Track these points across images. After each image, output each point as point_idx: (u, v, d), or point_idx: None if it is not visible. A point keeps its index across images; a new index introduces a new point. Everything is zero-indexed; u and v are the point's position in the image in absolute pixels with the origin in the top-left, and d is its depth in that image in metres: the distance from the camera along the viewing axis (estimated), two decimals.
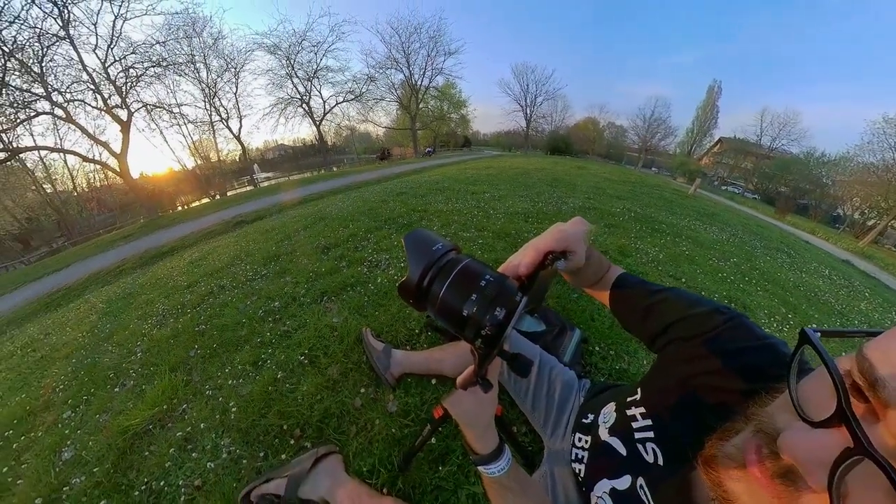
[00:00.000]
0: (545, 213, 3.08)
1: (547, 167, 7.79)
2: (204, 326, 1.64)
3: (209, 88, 15.14)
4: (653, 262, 2.17)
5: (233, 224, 5.11)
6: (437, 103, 28.40)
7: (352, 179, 9.01)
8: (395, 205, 3.36)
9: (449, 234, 2.30)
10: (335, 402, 1.07)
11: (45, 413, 1.43)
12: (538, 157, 19.58)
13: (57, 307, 3.56)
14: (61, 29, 8.14)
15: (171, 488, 0.96)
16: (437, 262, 0.29)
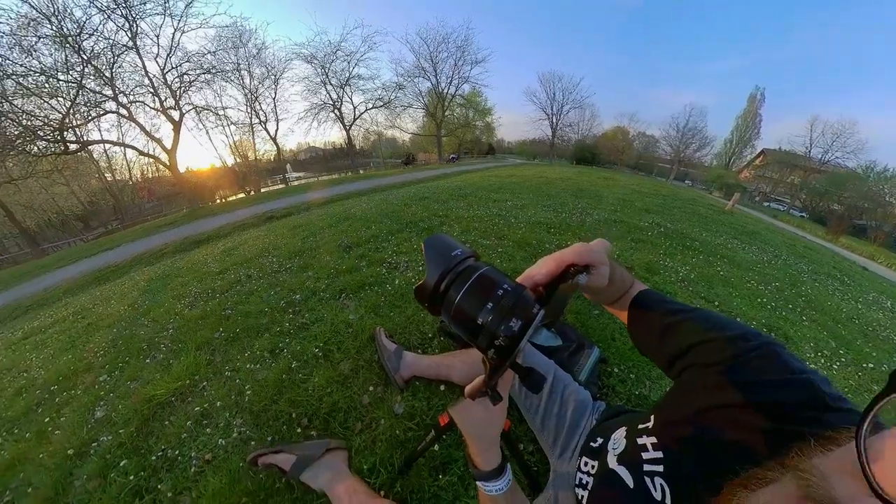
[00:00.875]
0: (568, 224, 3.03)
1: (572, 177, 7.59)
2: (230, 311, 1.77)
3: (251, 93, 17.09)
4: (682, 282, 2.05)
5: (264, 219, 5.51)
6: (463, 111, 29.37)
7: (377, 182, 9.38)
8: (416, 209, 3.47)
9: (468, 241, 2.33)
10: (344, 396, 1.11)
11: (85, 374, 1.60)
12: (563, 166, 19.24)
13: (106, 281, 3.99)
14: (130, 40, 9.70)
15: (184, 458, 1.03)
16: (456, 268, 0.29)
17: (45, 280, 5.53)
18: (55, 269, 6.21)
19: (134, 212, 20.03)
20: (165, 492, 0.95)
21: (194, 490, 0.93)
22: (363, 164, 29.30)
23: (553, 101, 34.59)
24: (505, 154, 45.01)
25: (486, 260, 0.42)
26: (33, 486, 1.07)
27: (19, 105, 8.48)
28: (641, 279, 2.19)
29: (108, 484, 1.01)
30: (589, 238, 1.67)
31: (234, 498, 0.88)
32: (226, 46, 13.77)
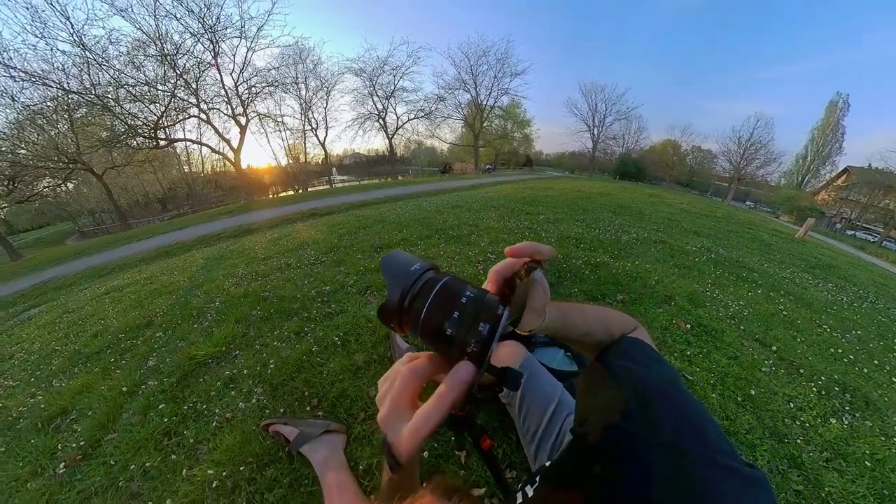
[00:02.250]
0: (600, 240, 2.88)
1: (612, 192, 7.23)
2: (268, 293, 2.01)
3: (306, 103, 19.75)
4: (732, 319, 1.83)
5: (307, 215, 6.15)
6: (501, 122, 29.99)
7: (413, 189, 9.89)
8: (448, 216, 3.63)
9: (496, 254, 2.36)
10: (353, 385, 1.20)
11: (146, 329, 1.92)
12: (604, 180, 18.42)
13: (172, 256, 4.72)
14: (213, 58, 12.34)
15: (209, 413, 1.19)
16: (416, 283, 0.30)
17: (127, 249, 6.68)
18: (136, 241, 7.48)
19: (202, 199, 23.74)
20: (189, 437, 1.10)
21: (212, 442, 1.07)
22: (402, 170, 30.88)
23: (595, 113, 33.42)
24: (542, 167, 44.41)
25: None
26: (92, 411, 1.31)
27: (127, 108, 11.01)
28: (683, 311, 1.87)
29: (147, 421, 1.20)
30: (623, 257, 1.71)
31: (242, 456, 1.00)
32: (287, 63, 16.54)
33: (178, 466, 1.02)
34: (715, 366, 1.40)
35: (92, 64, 10.11)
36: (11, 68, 9.43)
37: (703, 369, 1.36)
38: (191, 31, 11.22)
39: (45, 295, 4.12)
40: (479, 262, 2.23)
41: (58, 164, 11.72)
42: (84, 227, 22.92)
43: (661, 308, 1.78)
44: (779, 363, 1.51)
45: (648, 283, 2.04)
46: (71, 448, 1.15)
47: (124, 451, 1.10)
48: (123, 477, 1.02)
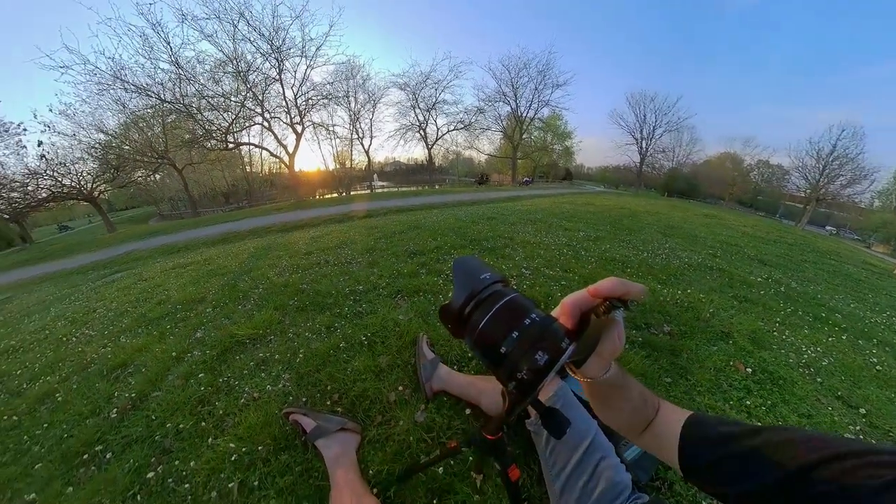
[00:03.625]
0: (649, 264, 2.65)
1: (661, 211, 6.67)
2: (306, 286, 2.17)
3: (354, 114, 21.86)
4: (807, 368, 1.52)
5: (348, 217, 6.63)
6: (541, 134, 29.91)
7: (449, 198, 10.24)
8: (483, 227, 3.63)
9: (530, 269, 2.28)
10: (374, 387, 1.22)
11: (199, 304, 2.17)
12: (652, 197, 17.30)
13: (229, 243, 5.37)
14: (277, 74, 14.20)
15: (239, 389, 1.29)
16: (483, 291, 0.30)
17: (194, 233, 7.75)
18: (202, 227, 8.66)
19: (258, 196, 27.18)
20: (219, 409, 1.21)
21: (238, 416, 1.16)
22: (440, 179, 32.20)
23: (643, 124, 31.01)
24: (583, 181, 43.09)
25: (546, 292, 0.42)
26: (145, 368, 1.50)
27: (206, 116, 13.44)
28: (743, 351, 1.66)
29: (187, 386, 1.34)
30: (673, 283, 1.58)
31: (261, 436, 1.06)
32: (340, 78, 18.71)
33: (205, 433, 1.11)
34: (781, 423, 1.18)
35: (183, 79, 12.74)
36: (126, 82, 12.29)
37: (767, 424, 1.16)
38: (261, 52, 13.48)
39: (128, 263, 4.93)
40: (513, 276, 2.19)
41: (150, 159, 15.01)
42: (163, 212, 27.60)
43: (715, 345, 1.58)
44: (869, 430, 1.23)
45: (702, 316, 1.84)
46: (124, 397, 1.32)
47: (164, 409, 1.23)
48: (160, 432, 1.14)
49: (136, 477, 1.00)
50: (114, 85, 12.26)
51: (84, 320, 2.26)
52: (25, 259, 9.46)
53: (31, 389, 1.53)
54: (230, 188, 27.91)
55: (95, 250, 8.10)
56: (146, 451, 1.08)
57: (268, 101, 14.54)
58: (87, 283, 3.82)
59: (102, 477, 1.02)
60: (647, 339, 1.53)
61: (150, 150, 14.54)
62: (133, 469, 1.03)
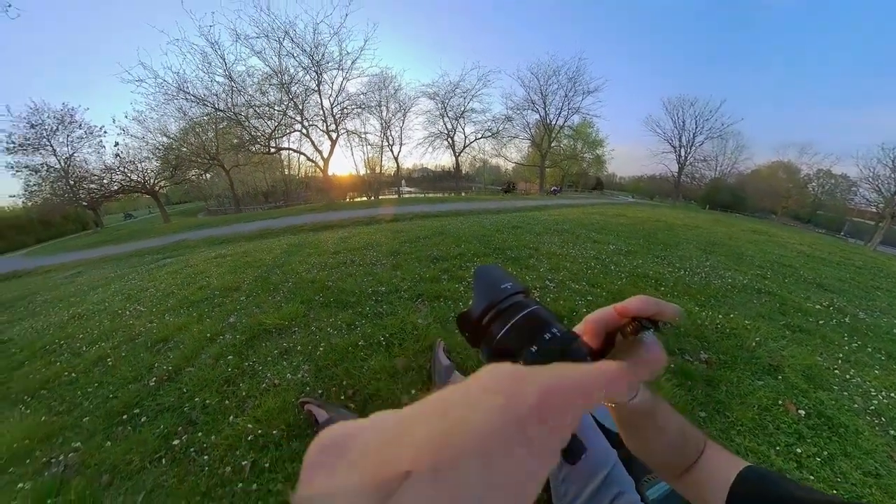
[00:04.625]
0: (686, 283, 2.45)
1: (702, 225, 6.14)
2: (331, 283, 2.29)
3: (385, 123, 23.10)
4: (877, 417, 1.28)
5: (375, 220, 6.90)
6: (571, 142, 29.55)
7: (475, 206, 10.29)
8: (507, 236, 3.61)
9: (555, 282, 2.22)
10: (388, 387, 1.25)
11: (234, 292, 2.37)
12: (691, 210, 16.15)
13: (265, 238, 5.81)
14: (316, 86, 15.89)
15: (261, 374, 1.38)
16: (503, 302, 0.29)
17: (236, 227, 8.48)
18: (243, 222, 9.46)
19: (294, 197, 29.55)
20: (242, 390, 1.30)
21: (258, 399, 1.24)
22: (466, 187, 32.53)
23: (682, 131, 28.98)
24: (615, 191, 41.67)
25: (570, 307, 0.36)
26: (183, 345, 1.65)
27: (252, 123, 15.48)
28: (795, 390, 1.51)
29: (217, 366, 1.46)
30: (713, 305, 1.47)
31: (277, 421, 1.12)
32: (373, 88, 19.83)
33: (228, 411, 1.20)
34: (842, 480, 1.02)
35: (234, 90, 14.85)
36: (188, 94, 14.55)
37: (821, 480, 1.01)
38: (302, 66, 15.28)
39: (177, 251, 5.50)
40: (536, 288, 2.15)
41: (203, 160, 17.35)
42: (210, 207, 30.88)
43: (761, 380, 1.41)
44: None
45: (746, 344, 1.66)
46: (162, 369, 1.47)
47: (195, 384, 1.35)
48: (189, 405, 1.25)
49: (163, 442, 1.11)
50: (177, 96, 14.65)
51: (137, 297, 2.55)
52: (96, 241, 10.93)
53: (88, 352, 1.76)
54: (269, 188, 30.97)
55: (152, 237, 9.16)
56: (175, 420, 1.19)
57: (307, 111, 16.46)
58: (143, 265, 4.31)
59: (136, 437, 1.14)
60: (681, 367, 1.42)
61: (203, 152, 17.07)
62: (162, 434, 1.14)
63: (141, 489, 0.97)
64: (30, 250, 15.48)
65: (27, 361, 1.82)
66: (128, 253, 6.89)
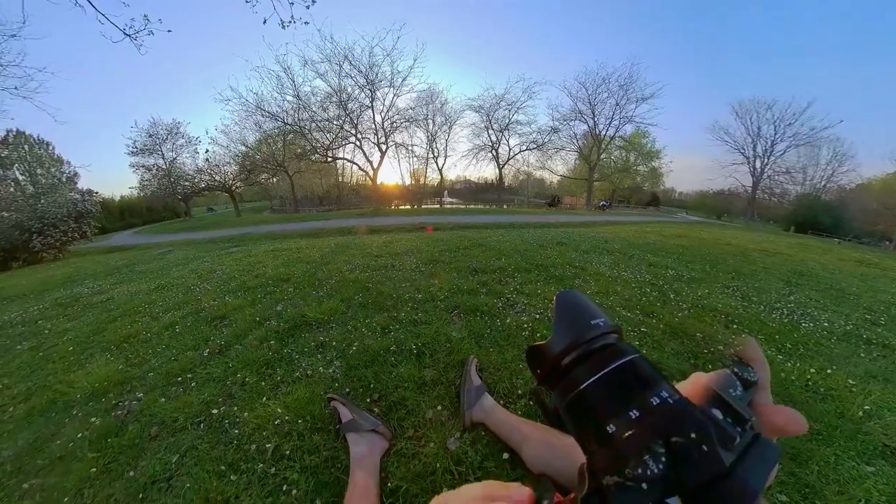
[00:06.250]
0: (765, 322, 2.04)
1: (784, 250, 5.17)
2: (370, 285, 2.39)
3: (431, 136, 24.70)
4: None
5: (417, 227, 7.16)
6: (623, 154, 28.24)
7: (517, 219, 10.19)
8: (551, 253, 3.44)
9: (604, 308, 1.98)
10: (414, 398, 1.23)
11: (284, 283, 2.59)
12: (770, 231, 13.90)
13: (316, 237, 6.36)
14: (370, 102, 18.42)
15: (297, 363, 1.47)
16: (593, 342, 0.25)
17: (293, 226, 9.48)
18: (299, 221, 10.55)
19: (345, 202, 32.63)
20: (277, 375, 1.40)
21: (290, 386, 1.32)
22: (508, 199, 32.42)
23: (757, 139, 25.54)
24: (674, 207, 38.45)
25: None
26: (235, 325, 1.85)
27: (314, 136, 18.46)
28: None
29: (260, 348, 1.60)
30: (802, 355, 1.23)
31: (302, 411, 1.18)
32: (421, 103, 21.83)
33: (262, 392, 1.30)
34: None
35: (301, 108, 17.92)
36: (263, 111, 17.98)
37: None
38: (358, 85, 17.87)
39: (243, 241, 6.28)
40: None
41: (272, 166, 21.40)
42: (274, 206, 35.49)
43: (870, 465, 1.05)
44: None
45: (849, 413, 1.28)
46: (216, 343, 1.66)
47: (239, 361, 1.50)
48: (231, 379, 1.38)
49: (205, 408, 1.24)
50: (255, 112, 18.15)
51: (207, 277, 2.95)
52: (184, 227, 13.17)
53: (163, 318, 2.08)
54: (324, 193, 35.33)
55: (226, 228, 10.68)
56: (218, 391, 1.33)
57: (360, 124, 19.00)
58: (215, 251, 5.00)
59: (185, 399, 1.30)
60: None
61: (272, 159, 20.67)
62: (205, 401, 1.27)
63: (177, 450, 1.08)
64: (138, 230, 20.45)
65: (119, 318, 2.22)
66: (206, 239, 8.11)
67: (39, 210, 8.58)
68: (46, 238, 8.24)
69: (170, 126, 22.91)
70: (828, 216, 23.71)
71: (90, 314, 2.42)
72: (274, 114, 18.02)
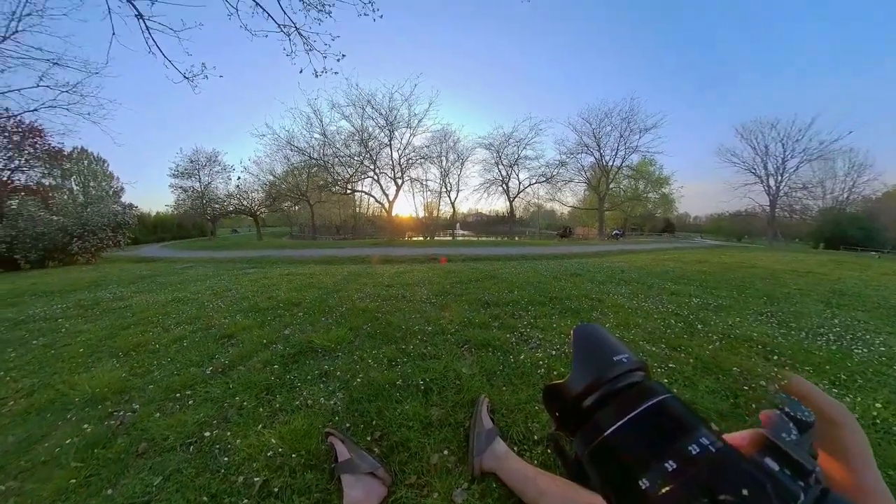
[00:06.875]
0: (810, 350, 1.81)
1: (817, 269, 4.76)
2: (380, 315, 2.36)
3: (444, 171, 25.98)
4: None
5: (429, 258, 7.20)
6: (631, 182, 29.10)
7: (529, 250, 10.10)
8: (566, 284, 3.34)
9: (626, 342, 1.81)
10: (418, 439, 1.14)
11: (295, 307, 2.60)
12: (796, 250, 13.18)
13: (330, 264, 6.49)
14: (388, 141, 20.44)
15: (298, 391, 1.42)
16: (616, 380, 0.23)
17: (309, 252, 9.76)
18: (315, 248, 10.88)
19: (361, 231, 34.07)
20: (276, 402, 1.34)
21: (288, 416, 1.26)
22: (520, 231, 32.62)
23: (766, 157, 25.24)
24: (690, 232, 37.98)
25: None
26: (242, 345, 1.83)
27: (335, 170, 20.72)
28: None
29: (263, 371, 1.56)
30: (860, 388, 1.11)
31: (296, 443, 1.11)
32: (435, 142, 23.69)
33: (258, 419, 1.24)
34: None
35: (326, 144, 20.35)
36: (293, 146, 20.55)
37: None
38: (378, 126, 20.20)
39: (261, 264, 6.47)
40: None
41: (295, 195, 23.47)
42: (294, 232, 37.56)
43: None
44: None
45: None
46: (220, 361, 1.64)
47: (240, 383, 1.46)
48: (229, 401, 1.34)
49: (198, 429, 1.19)
50: (285, 147, 20.73)
51: (221, 295, 3.01)
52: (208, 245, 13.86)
53: (174, 331, 2.11)
54: (341, 222, 37.01)
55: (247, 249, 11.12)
56: (214, 412, 1.28)
57: (379, 160, 21.06)
58: (234, 270, 5.16)
59: (179, 417, 1.25)
60: None
61: (296, 189, 22.70)
62: (200, 421, 1.23)
63: (162, 471, 1.03)
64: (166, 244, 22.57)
65: (132, 326, 2.28)
66: (226, 259, 8.43)
67: (84, 217, 9.51)
68: (84, 243, 9.08)
69: (210, 155, 25.67)
70: (857, 229, 22.41)
71: (107, 319, 2.50)
72: (302, 149, 20.46)
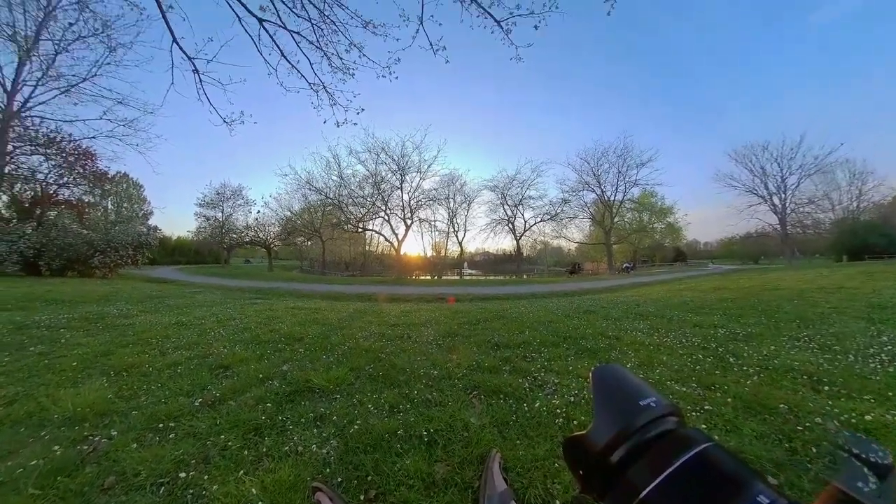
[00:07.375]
0: (864, 376, 1.59)
1: (849, 284, 4.31)
2: (383, 356, 2.25)
3: (452, 212, 27.09)
4: None
5: (436, 298, 7.04)
6: (636, 215, 30.03)
7: (538, 288, 9.83)
8: (579, 322, 3.16)
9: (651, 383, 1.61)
10: (419, 501, 1.00)
11: (296, 342, 2.52)
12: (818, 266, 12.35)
13: (336, 300, 6.44)
14: (399, 184, 22.17)
15: (289, 434, 1.31)
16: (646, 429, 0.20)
17: (317, 287, 9.81)
18: (324, 283, 10.93)
19: (369, 269, 34.47)
20: (263, 446, 1.23)
21: (272, 464, 1.14)
22: (527, 269, 32.48)
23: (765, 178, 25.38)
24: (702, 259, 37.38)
25: None
26: (237, 378, 1.75)
27: (349, 209, 22.52)
28: None
29: (255, 409, 1.46)
30: None
31: (280, 497, 0.99)
32: (443, 185, 25.34)
33: (241, 463, 1.13)
34: None
35: (342, 185, 22.38)
36: (311, 186, 22.62)
37: None
38: (391, 170, 22.04)
39: (268, 295, 6.47)
40: None
41: (309, 231, 25.16)
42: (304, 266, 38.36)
43: None
44: None
45: None
46: (211, 393, 1.56)
47: (228, 420, 1.36)
48: (213, 440, 1.24)
49: (174, 467, 1.09)
50: (304, 186, 22.76)
51: (225, 323, 2.97)
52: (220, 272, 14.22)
53: (170, 355, 2.05)
54: (351, 259, 37.75)
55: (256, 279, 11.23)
56: (195, 450, 1.18)
57: (390, 202, 22.69)
58: (241, 299, 5.16)
59: (156, 451, 1.16)
60: None
61: (311, 226, 24.34)
62: (178, 459, 1.13)
63: None
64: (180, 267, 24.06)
65: (130, 345, 2.25)
66: (236, 287, 8.51)
67: (111, 234, 10.28)
68: (105, 258, 9.65)
69: (235, 189, 27.87)
70: (879, 236, 21.20)
71: (107, 334, 2.49)
72: (319, 189, 22.74)
